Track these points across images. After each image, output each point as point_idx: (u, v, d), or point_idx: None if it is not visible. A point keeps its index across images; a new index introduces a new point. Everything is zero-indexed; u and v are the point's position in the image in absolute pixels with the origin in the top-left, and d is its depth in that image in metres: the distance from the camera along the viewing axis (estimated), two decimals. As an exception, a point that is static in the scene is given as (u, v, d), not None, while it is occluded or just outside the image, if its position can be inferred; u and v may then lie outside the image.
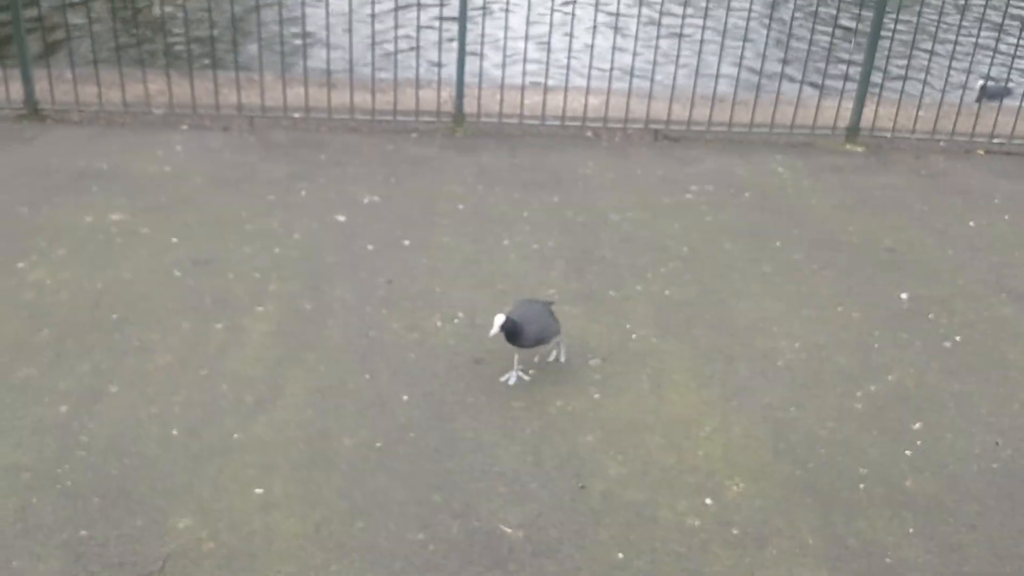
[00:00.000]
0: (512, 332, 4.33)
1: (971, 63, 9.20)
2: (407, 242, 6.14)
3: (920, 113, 8.66)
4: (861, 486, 3.96)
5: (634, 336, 5.10)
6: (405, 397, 4.42)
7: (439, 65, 8.68)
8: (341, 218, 6.47)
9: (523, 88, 8.68)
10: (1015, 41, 8.77)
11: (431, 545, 3.52)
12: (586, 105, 8.57)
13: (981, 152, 8.60)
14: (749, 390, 4.63)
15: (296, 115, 8.28)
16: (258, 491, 3.73)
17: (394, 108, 8.37)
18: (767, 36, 8.61)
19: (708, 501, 3.83)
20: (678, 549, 3.56)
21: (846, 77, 8.46)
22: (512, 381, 4.58)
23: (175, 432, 4.06)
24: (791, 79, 9.56)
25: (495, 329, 4.28)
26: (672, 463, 4.06)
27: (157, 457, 3.89)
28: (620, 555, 3.52)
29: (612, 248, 6.22)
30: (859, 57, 8.86)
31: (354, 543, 3.50)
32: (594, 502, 3.79)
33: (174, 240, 5.94)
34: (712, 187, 7.33)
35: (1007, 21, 9.02)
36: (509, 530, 3.61)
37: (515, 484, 3.87)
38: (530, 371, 4.68)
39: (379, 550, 3.47)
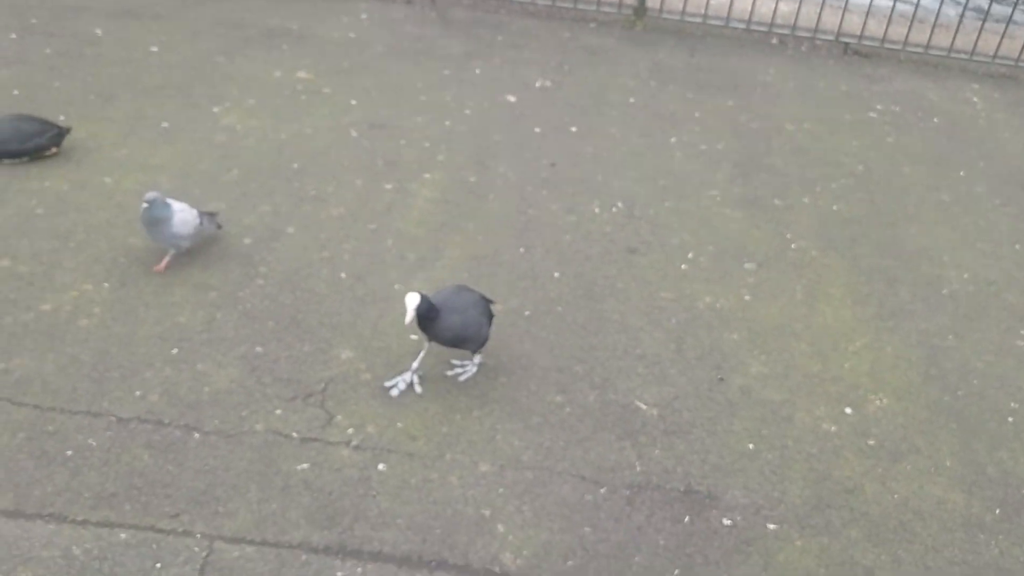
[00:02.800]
0: (426, 317, 3.42)
1: None
2: (574, 128, 6.18)
3: None
4: (1010, 419, 3.84)
5: (793, 246, 5.02)
6: (556, 274, 4.55)
7: (626, -44, 8.48)
8: (512, 99, 6.55)
9: (710, -13, 8.39)
10: None
11: (567, 408, 3.67)
12: (775, 10, 8.22)
13: None
14: (907, 313, 4.50)
15: (478, -5, 8.33)
16: (413, 337, 3.97)
17: (576, -5, 8.28)
18: (984, -47, 7.96)
19: (848, 410, 3.82)
20: (809, 449, 3.59)
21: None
22: (398, 390, 3.62)
23: (343, 276, 4.33)
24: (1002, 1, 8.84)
25: (409, 314, 3.35)
26: (816, 371, 4.04)
27: (325, 295, 4.18)
28: (750, 446, 3.58)
29: (783, 157, 6.07)
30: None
31: (496, 395, 3.69)
32: (731, 394, 3.85)
33: (353, 102, 6.19)
34: (898, 108, 6.96)
35: None
36: (644, 407, 3.73)
37: (655, 367, 3.96)
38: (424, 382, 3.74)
39: (518, 404, 3.66)
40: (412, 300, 3.32)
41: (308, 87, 6.34)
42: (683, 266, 4.73)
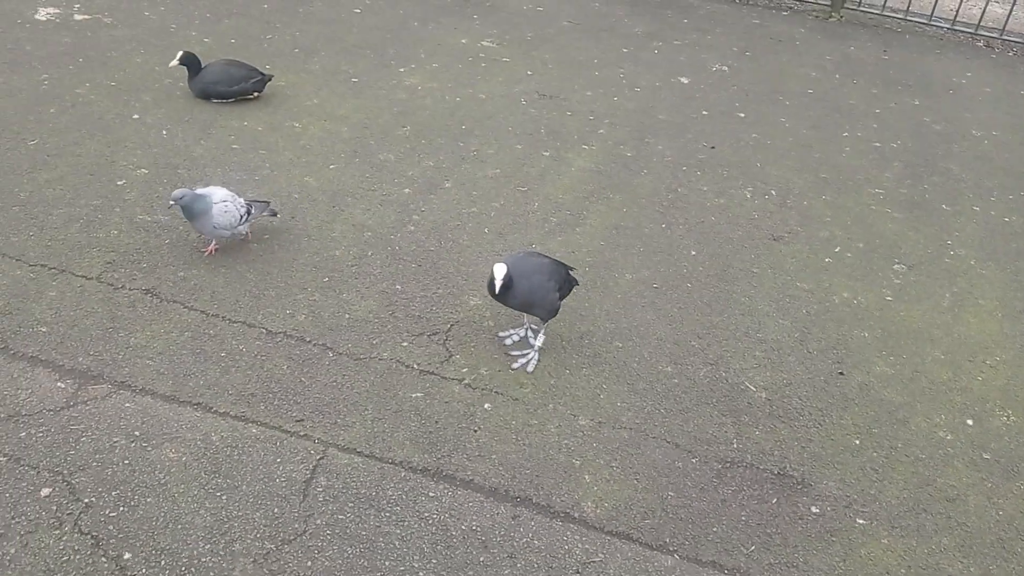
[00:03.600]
0: (504, 285, 3.47)
1: None
2: (742, 114, 6.15)
3: None
4: None
5: (952, 253, 4.83)
6: (693, 252, 4.62)
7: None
8: (684, 80, 6.59)
9: (917, -19, 8.02)
10: None
11: (676, 379, 3.78)
12: (984, 11, 7.76)
13: None
14: (1062, 334, 4.26)
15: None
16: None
17: (771, -17, 8.15)
18: None
19: (969, 422, 3.69)
20: (918, 454, 3.52)
21: None
22: (511, 340, 3.84)
23: (486, 231, 4.60)
24: None
25: (499, 283, 3.44)
26: (945, 379, 3.92)
27: (467, 246, 4.46)
28: (856, 441, 3.56)
29: (961, 163, 5.79)
30: None
31: (608, 357, 3.85)
32: (848, 389, 3.81)
33: (528, 72, 6.44)
34: (1107, 122, 6.45)
35: None
36: (753, 388, 3.77)
37: (773, 353, 3.98)
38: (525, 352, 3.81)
39: (628, 368, 3.80)
40: (500, 271, 3.43)
41: (489, 55, 6.65)
42: (827, 259, 4.67)
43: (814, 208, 5.12)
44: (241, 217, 4.04)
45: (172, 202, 3.90)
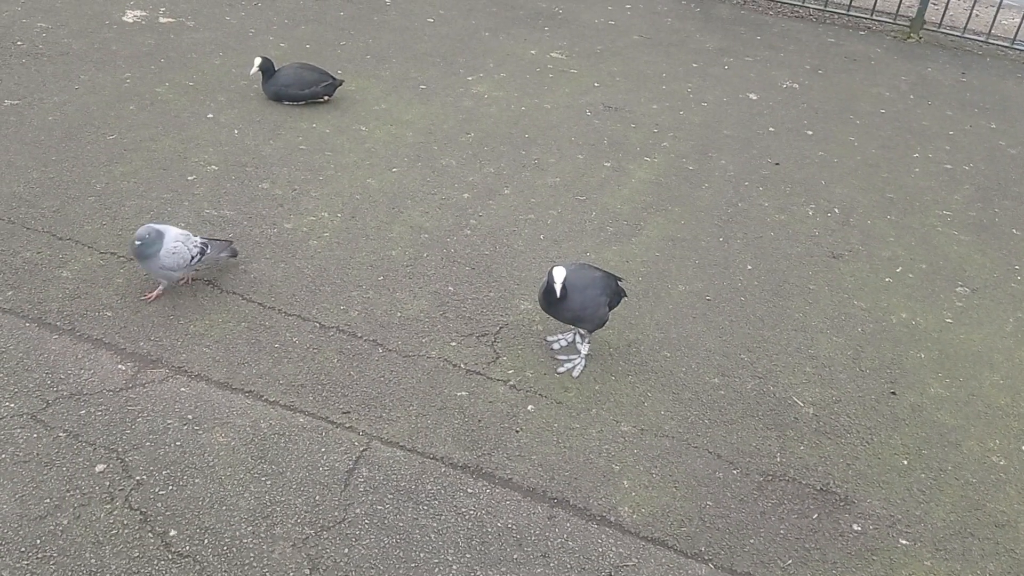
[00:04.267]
0: (557, 293, 3.47)
1: None
2: (810, 132, 6.08)
3: None
4: None
5: (1019, 278, 4.70)
6: (749, 267, 4.58)
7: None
8: (753, 96, 6.54)
9: (999, 5, 7.82)
10: None
11: (722, 390, 3.75)
12: (1071, 33, 7.51)
13: None
14: None
15: (746, -7, 8.31)
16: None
17: (850, 1, 8.04)
18: None
19: (1025, 449, 3.59)
20: (969, 478, 3.43)
21: None
22: (559, 344, 3.87)
23: (541, 237, 4.64)
24: None
25: (559, 288, 3.43)
26: (1003, 404, 3.82)
27: (521, 251, 4.51)
28: (905, 462, 3.49)
29: (1036, 187, 5.63)
30: None
31: (654, 366, 3.85)
32: (899, 410, 3.74)
33: (595, 84, 6.47)
34: None
35: None
36: (801, 404, 3.72)
37: (824, 369, 3.92)
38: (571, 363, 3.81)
39: (674, 378, 3.79)
40: (560, 274, 3.42)
41: (557, 66, 6.70)
42: (887, 279, 4.58)
43: (877, 227, 5.04)
44: (192, 258, 3.74)
45: (138, 242, 3.61)
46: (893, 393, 3.82)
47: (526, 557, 3.00)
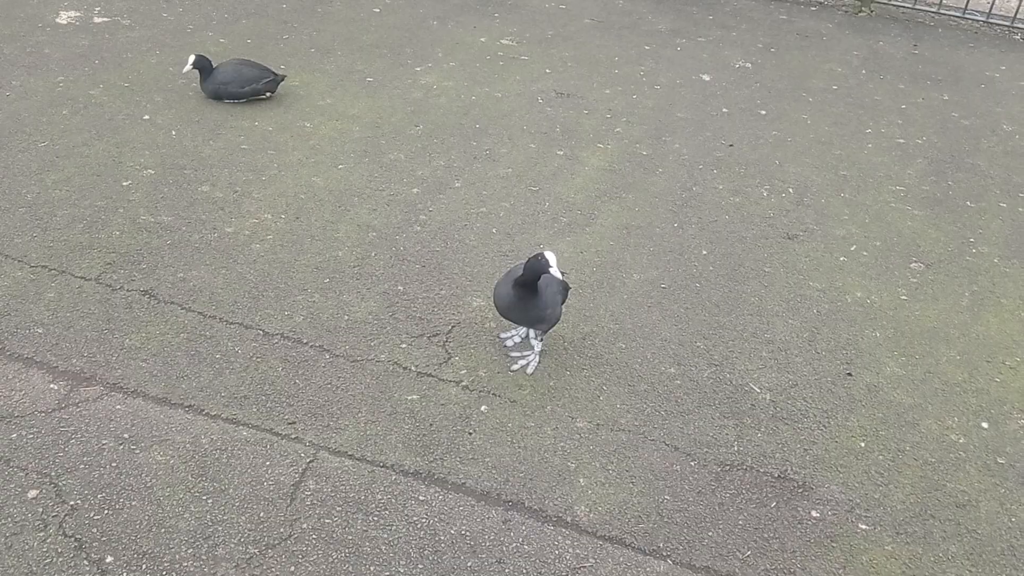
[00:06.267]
0: (560, 274, 3.38)
1: None
2: (763, 112, 6.02)
3: None
4: None
5: (974, 251, 4.67)
6: (704, 252, 4.51)
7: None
8: (706, 77, 6.47)
9: (950, -27, 7.81)
10: None
11: (678, 380, 3.68)
12: (1021, 3, 7.52)
13: None
14: (1089, 335, 4.09)
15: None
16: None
17: (798, -23, 7.99)
18: None
19: (984, 425, 3.55)
20: (928, 457, 3.39)
21: None
22: (512, 341, 3.77)
23: (494, 231, 4.54)
24: None
25: (556, 270, 3.32)
26: (959, 380, 3.78)
27: (473, 247, 4.40)
28: (862, 444, 3.44)
29: (989, 158, 5.61)
30: None
31: (610, 358, 3.77)
32: (856, 391, 3.69)
33: (547, 71, 6.37)
34: None
35: None
36: (758, 389, 3.66)
37: (780, 353, 3.87)
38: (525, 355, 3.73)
39: (630, 369, 3.71)
40: (553, 256, 3.33)
41: (508, 53, 6.59)
42: (842, 258, 4.54)
43: (831, 206, 4.99)
44: None
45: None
46: (849, 374, 3.77)
47: (480, 564, 2.92)
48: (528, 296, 3.45)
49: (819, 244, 4.63)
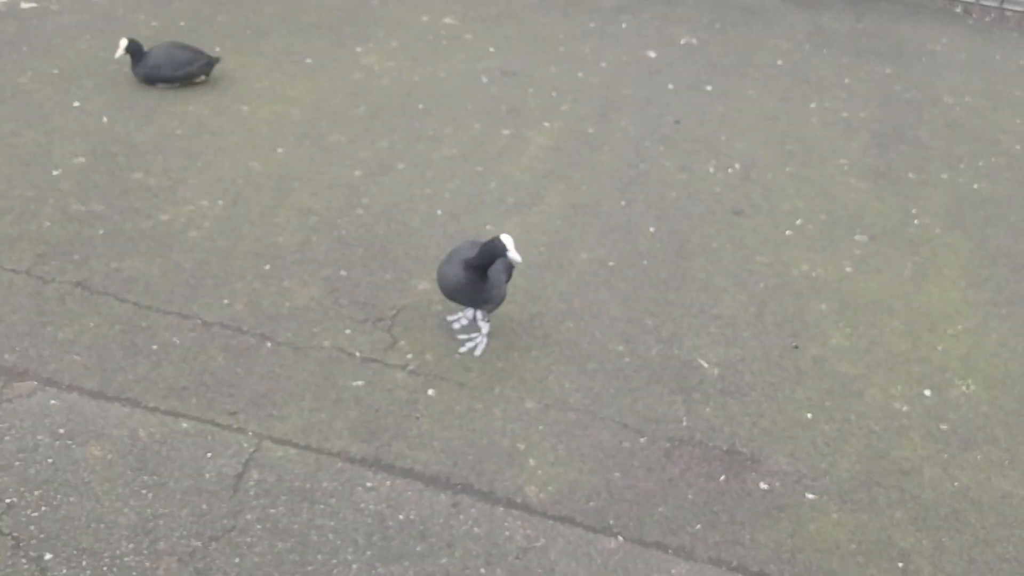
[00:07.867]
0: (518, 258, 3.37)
1: None
2: (709, 88, 6.02)
3: None
4: (1118, 425, 3.49)
5: (916, 222, 4.72)
6: (652, 229, 4.50)
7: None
8: (652, 54, 6.45)
9: (889, -53, 7.87)
10: None
11: (627, 358, 3.67)
12: (959, -26, 7.62)
13: None
14: (1027, 301, 4.15)
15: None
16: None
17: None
18: None
19: (927, 392, 3.59)
20: (872, 426, 3.42)
21: None
22: (459, 324, 3.73)
23: (439, 212, 4.48)
24: None
25: (514, 255, 3.32)
26: (903, 349, 3.82)
27: (418, 229, 4.34)
28: (808, 415, 3.46)
29: (931, 130, 5.67)
30: None
31: (558, 338, 3.74)
32: (802, 363, 3.71)
33: (491, 49, 6.30)
34: (1080, 85, 6.32)
35: None
36: (706, 365, 3.66)
37: (728, 328, 3.87)
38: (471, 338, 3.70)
39: (578, 349, 3.69)
40: (510, 239, 3.29)
41: (451, 32, 6.50)
42: (787, 232, 4.56)
43: (777, 181, 5.01)
44: None
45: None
46: (796, 347, 3.79)
47: (430, 548, 2.88)
48: (477, 278, 3.40)
49: (765, 219, 4.65)
